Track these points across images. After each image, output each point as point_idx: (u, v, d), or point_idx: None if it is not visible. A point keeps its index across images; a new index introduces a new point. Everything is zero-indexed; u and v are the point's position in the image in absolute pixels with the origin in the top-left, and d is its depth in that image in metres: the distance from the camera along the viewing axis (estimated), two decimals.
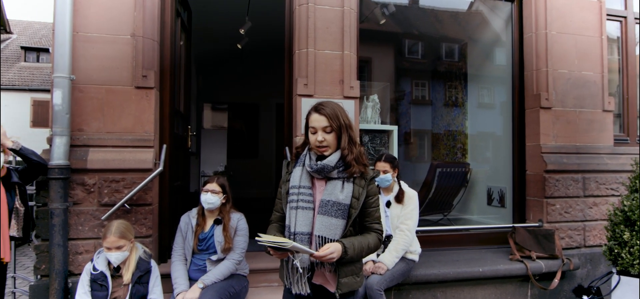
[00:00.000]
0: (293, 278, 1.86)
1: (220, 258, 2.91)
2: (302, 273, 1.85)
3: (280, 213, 1.97)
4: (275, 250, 1.71)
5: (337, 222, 1.81)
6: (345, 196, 1.83)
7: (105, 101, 3.10)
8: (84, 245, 2.99)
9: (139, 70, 3.14)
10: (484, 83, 5.35)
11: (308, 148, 1.93)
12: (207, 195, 2.91)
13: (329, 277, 1.87)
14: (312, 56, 3.47)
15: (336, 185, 1.84)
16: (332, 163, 1.83)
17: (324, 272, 1.86)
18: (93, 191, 3.02)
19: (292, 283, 1.86)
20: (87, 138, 3.06)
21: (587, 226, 4.08)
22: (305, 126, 1.93)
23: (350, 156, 1.84)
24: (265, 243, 1.65)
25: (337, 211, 1.81)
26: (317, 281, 1.88)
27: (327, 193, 1.83)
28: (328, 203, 1.82)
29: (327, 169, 1.84)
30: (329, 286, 1.89)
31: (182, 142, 4.17)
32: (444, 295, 3.60)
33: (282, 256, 1.81)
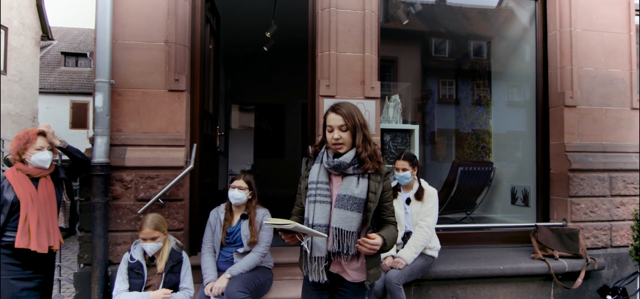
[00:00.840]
0: (311, 266, 1.99)
1: (247, 251, 3.09)
2: (319, 262, 1.98)
3: (299, 207, 2.12)
4: (284, 233, 1.87)
5: (352, 215, 1.93)
6: (361, 191, 1.95)
7: (141, 103, 3.34)
8: (122, 237, 3.24)
9: (172, 74, 3.36)
10: (508, 82, 5.31)
11: (325, 147, 2.06)
12: (234, 191, 3.09)
13: (345, 266, 1.99)
14: (334, 58, 3.59)
15: (352, 181, 1.96)
16: (347, 160, 1.96)
17: (340, 261, 1.98)
18: (130, 187, 3.26)
19: (310, 271, 1.99)
20: (125, 138, 3.31)
21: (614, 226, 4.01)
22: (323, 125, 2.07)
23: (365, 153, 1.97)
24: (270, 224, 1.81)
25: (352, 205, 1.93)
26: (334, 270, 2.01)
27: (343, 188, 1.96)
28: (344, 197, 1.94)
29: (343, 166, 1.96)
30: (345, 275, 2.01)
31: (211, 142, 4.39)
32: (464, 292, 3.64)
33: (292, 240, 1.94)
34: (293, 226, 1.78)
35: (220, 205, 3.29)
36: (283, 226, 1.78)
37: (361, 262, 2.02)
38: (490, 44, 5.57)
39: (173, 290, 2.92)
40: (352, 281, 2.01)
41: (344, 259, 1.97)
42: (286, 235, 1.89)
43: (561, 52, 4.04)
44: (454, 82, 6.22)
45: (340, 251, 1.94)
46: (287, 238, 1.91)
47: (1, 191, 2.66)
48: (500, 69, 5.45)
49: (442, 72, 6.29)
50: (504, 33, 5.25)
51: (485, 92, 5.54)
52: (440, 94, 6.28)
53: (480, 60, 5.79)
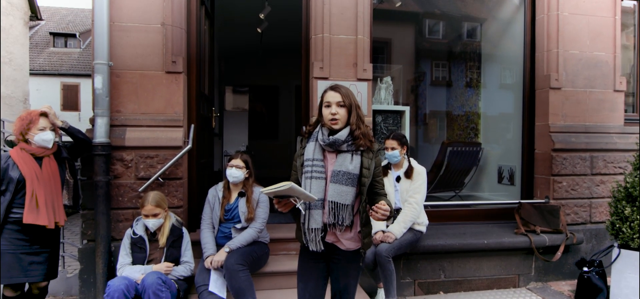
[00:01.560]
0: (309, 236, 2.13)
1: (244, 227, 3.23)
2: (316, 232, 2.13)
3: None
4: (279, 202, 1.97)
5: (347, 189, 2.07)
6: (354, 166, 2.09)
7: (139, 85, 3.42)
8: (123, 214, 3.36)
9: (169, 56, 3.44)
10: (498, 64, 5.45)
11: (320, 125, 2.19)
12: (232, 169, 3.22)
13: (340, 235, 2.14)
14: (328, 41, 3.69)
15: (346, 157, 2.10)
16: (342, 137, 2.09)
17: (335, 232, 2.13)
18: (131, 166, 3.37)
19: (309, 241, 2.13)
20: (124, 118, 3.40)
21: (594, 203, 4.22)
22: (319, 104, 2.20)
23: (358, 131, 2.10)
24: (267, 191, 1.87)
25: (347, 180, 2.07)
26: (329, 239, 2.15)
27: (338, 164, 2.10)
28: (339, 173, 2.08)
29: (338, 142, 2.10)
30: (339, 244, 2.16)
31: (207, 123, 4.48)
32: (451, 265, 3.84)
33: (286, 208, 2.02)
34: (288, 187, 1.84)
35: (218, 183, 3.41)
36: (279, 189, 1.87)
37: (354, 232, 2.17)
38: (482, 26, 5.68)
39: (174, 264, 3.07)
40: (346, 250, 2.16)
41: (339, 230, 2.11)
42: (280, 203, 2.00)
43: (548, 35, 4.18)
44: (447, 64, 6.33)
45: (335, 222, 2.09)
46: (280, 206, 2.00)
47: (6, 169, 2.75)
48: (490, 51, 5.58)
49: (435, 54, 6.39)
50: (496, 14, 5.36)
51: (476, 74, 5.68)
52: (433, 76, 6.41)
53: (472, 42, 5.90)
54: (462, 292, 3.86)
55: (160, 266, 2.98)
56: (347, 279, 2.20)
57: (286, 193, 1.92)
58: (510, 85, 5.08)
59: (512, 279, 3.99)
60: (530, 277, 4.03)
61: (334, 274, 2.22)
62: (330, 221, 2.10)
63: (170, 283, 2.90)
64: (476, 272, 3.89)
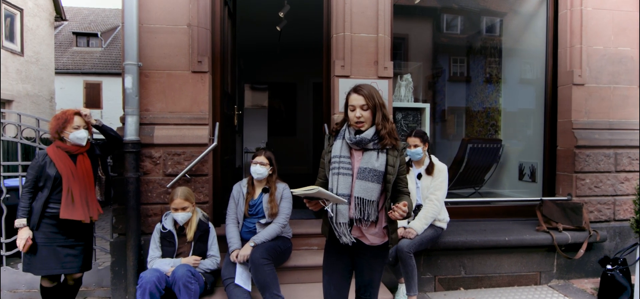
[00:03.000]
0: (339, 230, 2.20)
1: (268, 222, 3.32)
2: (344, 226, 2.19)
3: (322, 180, 2.32)
4: (309, 201, 2.06)
5: (373, 186, 2.14)
6: (380, 164, 2.16)
7: (166, 84, 3.53)
8: (152, 209, 3.49)
9: (195, 56, 3.54)
10: (518, 60, 5.40)
11: (347, 124, 2.26)
12: (257, 166, 3.31)
13: (365, 231, 2.21)
14: (349, 39, 3.74)
15: (372, 155, 2.16)
16: (368, 136, 2.16)
17: (360, 227, 2.19)
18: (159, 163, 3.49)
19: (339, 234, 2.20)
20: (153, 117, 3.52)
21: (618, 200, 4.16)
22: (345, 105, 2.26)
23: (384, 130, 2.16)
24: (296, 193, 1.98)
25: (373, 177, 2.14)
26: (354, 234, 2.22)
27: (364, 161, 2.16)
28: (365, 170, 2.14)
29: (364, 141, 2.16)
30: (364, 239, 2.23)
31: (229, 121, 4.59)
32: (471, 261, 3.86)
33: (315, 207, 2.11)
34: (317, 191, 1.95)
35: (243, 179, 3.51)
36: (308, 193, 1.98)
37: (379, 228, 2.23)
38: (502, 20, 5.63)
39: (201, 257, 3.18)
40: (371, 245, 2.22)
41: (364, 225, 2.18)
42: (310, 203, 2.09)
43: (571, 31, 4.13)
44: (466, 60, 6.29)
45: (361, 217, 2.15)
46: (311, 205, 2.11)
47: (44, 166, 2.89)
48: (511, 47, 5.53)
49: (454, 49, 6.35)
50: (517, 9, 5.31)
51: (496, 69, 5.64)
52: (451, 72, 6.37)
53: (492, 37, 5.85)
54: (482, 288, 3.87)
55: (189, 260, 3.09)
56: (372, 273, 2.26)
57: (314, 196, 2.01)
58: (531, 81, 5.04)
59: (533, 276, 3.99)
60: (552, 274, 4.01)
61: (359, 269, 2.29)
62: (357, 217, 2.16)
63: (198, 276, 3.02)
64: (497, 269, 3.90)
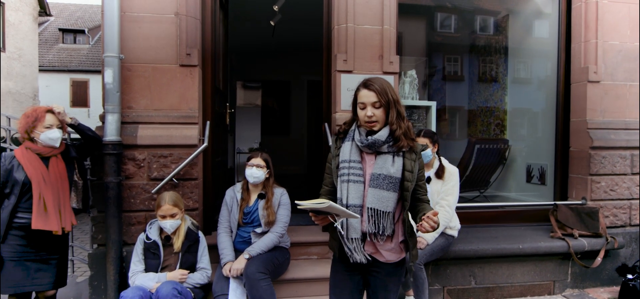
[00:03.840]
0: (351, 245, 1.90)
1: (264, 231, 3.01)
2: (357, 242, 1.89)
3: (328, 187, 2.03)
4: (316, 216, 1.78)
5: (388, 195, 1.85)
6: (396, 169, 1.87)
7: (152, 79, 3.21)
8: (136, 217, 3.16)
9: (183, 48, 3.22)
10: (525, 57, 5.16)
11: (356, 124, 1.96)
12: (252, 169, 3.00)
13: (379, 247, 1.91)
14: (352, 31, 3.45)
15: (387, 159, 1.87)
16: (382, 138, 1.86)
17: (376, 242, 1.90)
18: (143, 166, 3.16)
19: (352, 252, 1.90)
20: (136, 115, 3.19)
21: (634, 204, 3.94)
22: (353, 102, 1.97)
23: (399, 131, 1.87)
24: (303, 206, 1.69)
25: (388, 184, 1.85)
26: (367, 250, 1.92)
27: (377, 166, 1.87)
28: (379, 176, 1.85)
29: (377, 143, 1.87)
30: (379, 256, 1.93)
31: (221, 119, 4.27)
32: (482, 271, 3.60)
33: (323, 222, 1.84)
34: (327, 206, 1.67)
35: (236, 184, 3.20)
36: (316, 206, 1.69)
37: (395, 242, 1.95)
38: (505, 18, 5.39)
39: (190, 270, 2.86)
40: (386, 262, 1.94)
41: (379, 240, 1.90)
42: (317, 217, 1.80)
43: (586, 25, 3.89)
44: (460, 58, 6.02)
45: (376, 231, 1.87)
46: (318, 220, 1.83)
47: (10, 171, 2.56)
48: (518, 43, 5.27)
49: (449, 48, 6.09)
50: (519, 8, 5.07)
51: (500, 67, 5.39)
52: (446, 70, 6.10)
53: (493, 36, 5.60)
54: None
55: (175, 274, 2.77)
56: (387, 294, 1.98)
57: (324, 210, 1.72)
58: (540, 78, 4.80)
59: (547, 286, 3.74)
60: (566, 283, 3.77)
61: (372, 288, 2.00)
62: (371, 230, 1.88)
63: (185, 293, 2.70)
64: (509, 278, 3.64)
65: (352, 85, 3.51)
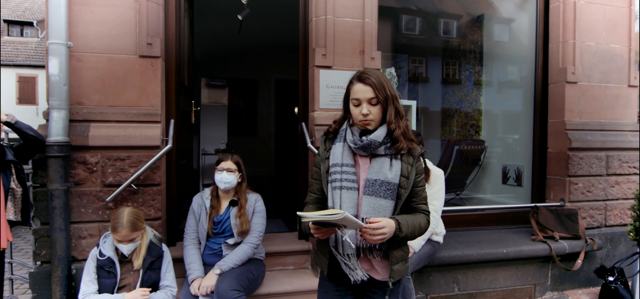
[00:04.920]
0: (350, 263, 1.66)
1: (237, 242, 2.71)
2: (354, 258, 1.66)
3: (316, 195, 1.78)
4: (318, 229, 1.54)
5: (385, 203, 1.63)
6: (395, 174, 1.65)
7: (106, 71, 2.82)
8: (87, 229, 2.76)
9: (144, 37, 2.85)
10: (501, 58, 5.12)
11: (348, 123, 1.73)
12: (223, 174, 2.69)
13: (375, 263, 1.69)
14: (331, 24, 3.20)
15: (384, 163, 1.65)
16: (378, 138, 1.64)
17: (372, 258, 1.67)
18: (96, 171, 2.77)
19: (351, 270, 1.66)
20: (88, 112, 2.79)
21: (609, 205, 3.95)
22: (344, 98, 1.74)
23: (398, 130, 1.65)
24: (311, 219, 1.45)
25: (385, 192, 1.63)
26: (362, 268, 1.69)
27: (373, 171, 1.65)
28: (376, 182, 1.63)
29: (373, 145, 1.64)
30: (375, 273, 1.71)
31: (186, 118, 3.91)
32: (465, 277, 3.46)
33: (328, 235, 1.61)
34: (342, 217, 1.39)
35: (204, 189, 2.87)
36: (329, 217, 1.42)
37: None
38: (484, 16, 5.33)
39: (152, 289, 2.51)
40: (382, 280, 1.71)
41: (376, 255, 1.67)
42: (319, 230, 1.55)
43: (564, 25, 3.86)
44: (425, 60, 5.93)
45: (372, 246, 1.64)
46: (320, 233, 1.57)
47: None
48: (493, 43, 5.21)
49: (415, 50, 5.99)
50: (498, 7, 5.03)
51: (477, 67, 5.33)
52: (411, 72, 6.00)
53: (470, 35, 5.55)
54: None
55: (135, 294, 2.41)
56: None
57: (336, 222, 1.46)
58: (517, 79, 4.77)
59: (528, 289, 3.67)
60: (546, 286, 3.72)
61: None
62: (366, 245, 1.64)
63: None
64: (491, 283, 3.53)
65: (331, 81, 3.30)
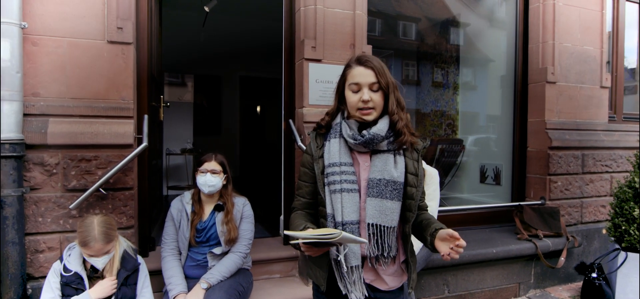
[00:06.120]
0: (349, 279, 1.48)
1: (224, 251, 2.44)
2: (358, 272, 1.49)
3: (306, 199, 1.58)
4: (308, 247, 1.33)
5: (392, 205, 1.46)
6: (400, 172, 1.49)
7: (68, 58, 2.44)
8: (46, 241, 2.37)
9: (113, 20, 2.50)
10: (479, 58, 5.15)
11: (342, 116, 1.55)
12: (207, 176, 2.41)
13: (383, 272, 1.53)
14: (321, 14, 3.00)
15: (387, 160, 1.49)
16: (382, 132, 1.47)
17: (377, 267, 1.51)
18: (56, 173, 2.38)
19: (350, 286, 1.48)
20: (46, 105, 2.40)
21: (584, 202, 4.06)
22: (338, 86, 1.57)
23: (401, 122, 1.50)
24: (302, 238, 1.26)
25: (392, 192, 1.46)
26: (367, 278, 1.53)
27: (376, 170, 1.48)
28: (380, 182, 1.46)
29: (377, 139, 1.47)
30: (380, 283, 1.55)
31: (155, 114, 3.55)
32: (455, 279, 3.40)
33: (318, 253, 1.40)
34: (339, 236, 1.24)
35: (184, 193, 2.57)
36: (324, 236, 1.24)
37: (397, 264, 1.58)
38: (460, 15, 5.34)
39: None
40: (388, 290, 1.56)
41: (383, 264, 1.50)
42: (311, 248, 1.34)
43: (544, 26, 3.91)
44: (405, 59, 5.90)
45: (379, 253, 1.48)
46: (312, 251, 1.36)
47: None
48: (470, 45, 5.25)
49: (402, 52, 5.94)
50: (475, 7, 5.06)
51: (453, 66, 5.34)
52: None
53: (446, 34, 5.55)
54: None
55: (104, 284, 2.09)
56: None
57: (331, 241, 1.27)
58: (495, 78, 4.81)
59: (513, 288, 3.67)
60: (530, 284, 3.74)
61: None
62: (373, 253, 1.48)
63: None
64: (480, 284, 3.49)
65: (321, 75, 3.09)
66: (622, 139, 4.21)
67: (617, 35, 4.51)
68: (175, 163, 6.20)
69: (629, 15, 4.55)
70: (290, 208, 1.64)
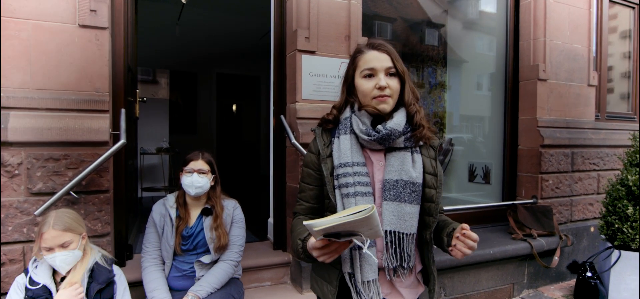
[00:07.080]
0: (366, 293, 1.29)
1: (214, 260, 2.21)
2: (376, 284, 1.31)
3: (310, 204, 1.40)
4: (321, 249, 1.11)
5: (411, 209, 1.30)
6: (418, 172, 1.33)
7: (33, 43, 2.14)
8: (7, 253, 2.06)
9: (85, 1, 2.22)
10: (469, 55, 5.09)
11: (352, 109, 1.38)
12: (193, 176, 2.18)
13: (398, 284, 1.37)
14: (315, 3, 2.81)
15: (405, 158, 1.32)
16: (399, 126, 1.31)
17: (394, 279, 1.35)
18: (18, 174, 2.08)
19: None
20: (7, 97, 2.09)
21: (574, 201, 4.05)
22: (345, 77, 1.40)
23: (419, 115, 1.35)
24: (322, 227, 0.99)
25: (410, 194, 1.30)
26: (381, 292, 1.35)
27: (393, 170, 1.31)
28: (397, 183, 1.29)
29: (394, 134, 1.30)
30: (395, 296, 1.38)
31: (130, 110, 3.25)
32: (452, 281, 3.28)
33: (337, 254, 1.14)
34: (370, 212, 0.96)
35: (167, 196, 2.32)
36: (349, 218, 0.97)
37: (414, 274, 1.41)
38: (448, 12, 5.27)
39: None
40: None
41: (401, 275, 1.34)
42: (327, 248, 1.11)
43: (535, 23, 3.87)
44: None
45: (398, 264, 1.31)
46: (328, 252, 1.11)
47: None
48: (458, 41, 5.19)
49: None
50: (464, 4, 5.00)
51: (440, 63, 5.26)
52: None
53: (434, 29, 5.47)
54: None
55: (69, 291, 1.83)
56: None
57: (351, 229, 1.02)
58: (485, 76, 4.75)
59: (507, 289, 3.60)
60: (523, 284, 3.68)
61: None
62: (391, 264, 1.31)
63: None
64: (475, 286, 3.40)
65: (315, 69, 2.88)
66: (608, 137, 4.23)
67: (601, 34, 4.54)
68: (150, 163, 5.84)
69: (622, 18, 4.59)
70: (293, 213, 1.45)
